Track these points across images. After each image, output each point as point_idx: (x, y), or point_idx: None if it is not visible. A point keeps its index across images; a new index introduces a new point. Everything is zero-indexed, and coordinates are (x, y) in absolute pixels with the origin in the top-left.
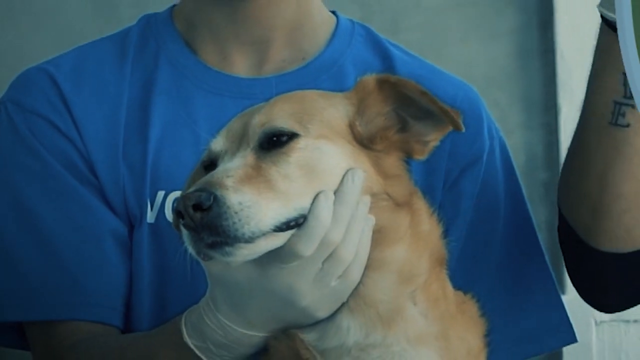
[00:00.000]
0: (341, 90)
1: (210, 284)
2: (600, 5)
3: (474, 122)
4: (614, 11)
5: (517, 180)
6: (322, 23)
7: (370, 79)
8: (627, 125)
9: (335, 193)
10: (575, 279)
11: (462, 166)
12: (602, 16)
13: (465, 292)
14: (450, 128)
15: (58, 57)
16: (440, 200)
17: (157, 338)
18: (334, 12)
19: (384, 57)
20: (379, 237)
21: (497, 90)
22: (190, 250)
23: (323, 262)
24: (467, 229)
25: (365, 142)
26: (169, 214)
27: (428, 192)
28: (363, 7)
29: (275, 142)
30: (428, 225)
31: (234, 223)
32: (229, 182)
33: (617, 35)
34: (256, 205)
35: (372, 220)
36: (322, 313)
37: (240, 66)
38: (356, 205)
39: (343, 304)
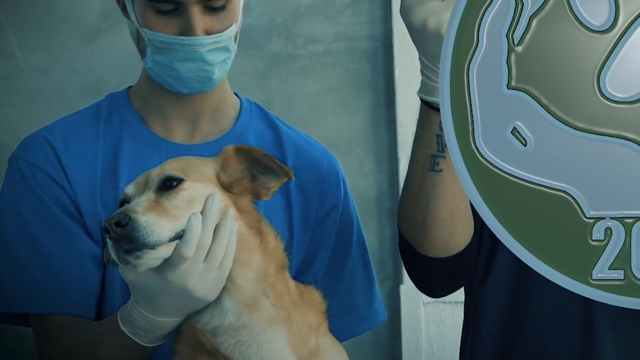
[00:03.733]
0: None
1: (130, 287)
2: (419, 92)
3: (334, 177)
4: (427, 94)
5: (358, 217)
6: (232, 105)
7: (230, 147)
8: (441, 170)
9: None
10: (411, 275)
11: (329, 208)
12: (420, 98)
13: (306, 285)
14: (285, 179)
15: (51, 125)
16: (312, 231)
17: (104, 326)
18: (236, 94)
19: (274, 130)
20: (242, 244)
21: (358, 147)
22: (113, 256)
23: (203, 261)
24: (330, 253)
25: (227, 188)
26: None
27: (305, 225)
28: (267, 92)
29: (168, 185)
30: (273, 243)
31: (143, 235)
32: (138, 209)
33: (431, 110)
34: (157, 223)
35: (236, 226)
36: (212, 297)
37: (179, 135)
38: (218, 217)
39: (224, 289)
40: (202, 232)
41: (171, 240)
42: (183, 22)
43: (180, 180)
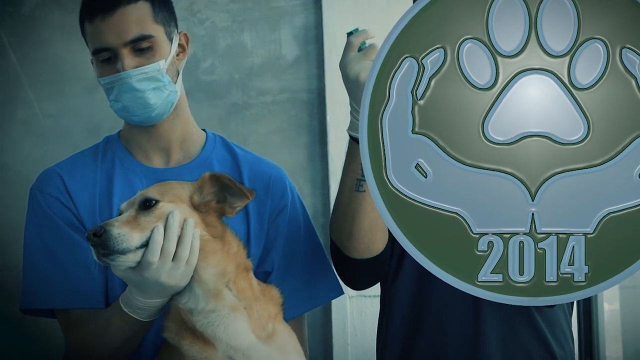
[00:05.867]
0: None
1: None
2: (348, 129)
3: (281, 185)
4: (355, 131)
5: (307, 214)
6: (198, 136)
7: (206, 174)
8: (364, 191)
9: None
10: (339, 273)
11: (278, 209)
12: (349, 134)
13: (267, 284)
14: (248, 199)
15: (60, 162)
16: (267, 229)
17: (111, 311)
18: (204, 130)
19: (232, 154)
20: (205, 247)
21: (298, 176)
22: (95, 258)
23: (172, 262)
24: (283, 244)
25: (197, 207)
26: None
27: (260, 225)
28: (227, 133)
29: (147, 205)
30: (236, 249)
31: (114, 243)
32: (116, 223)
33: (357, 144)
34: (128, 234)
35: (198, 232)
36: (183, 283)
37: (157, 162)
38: (179, 229)
39: (193, 279)
40: (165, 241)
41: (141, 247)
42: (118, 65)
43: (156, 202)
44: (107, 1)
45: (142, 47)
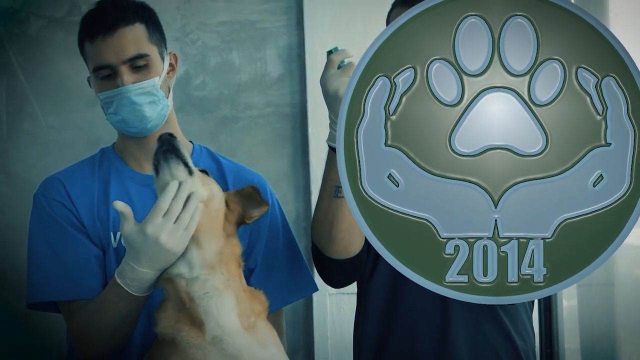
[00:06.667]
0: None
1: (124, 243)
2: (327, 140)
3: (262, 191)
4: (333, 142)
5: (285, 216)
6: (185, 148)
7: (247, 187)
8: (342, 197)
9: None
10: (320, 273)
11: None
12: (328, 145)
13: (256, 289)
14: (265, 209)
15: (61, 171)
16: (250, 229)
17: (106, 288)
18: (191, 141)
19: (217, 163)
20: (210, 226)
21: (282, 184)
22: (153, 154)
23: (174, 224)
24: (265, 243)
25: (226, 204)
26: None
27: (244, 225)
28: (217, 144)
29: (201, 170)
30: (235, 243)
31: (177, 145)
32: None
33: (335, 153)
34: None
35: (201, 206)
36: (178, 250)
37: (149, 169)
38: (186, 198)
39: (191, 247)
40: (174, 201)
41: (189, 169)
42: (117, 80)
43: (207, 173)
44: (107, 23)
45: (139, 65)
